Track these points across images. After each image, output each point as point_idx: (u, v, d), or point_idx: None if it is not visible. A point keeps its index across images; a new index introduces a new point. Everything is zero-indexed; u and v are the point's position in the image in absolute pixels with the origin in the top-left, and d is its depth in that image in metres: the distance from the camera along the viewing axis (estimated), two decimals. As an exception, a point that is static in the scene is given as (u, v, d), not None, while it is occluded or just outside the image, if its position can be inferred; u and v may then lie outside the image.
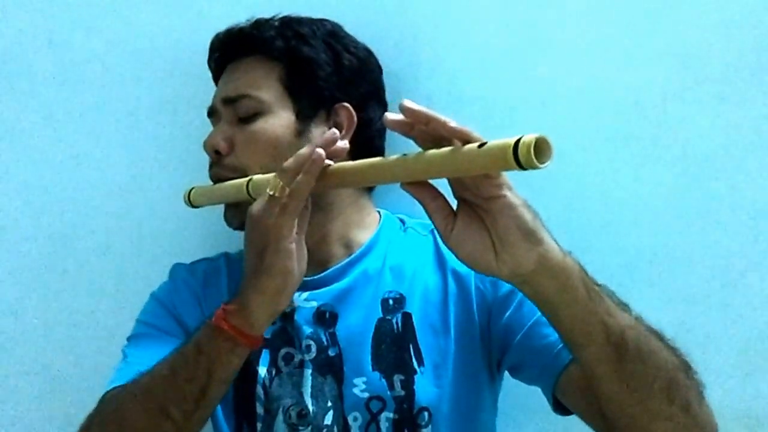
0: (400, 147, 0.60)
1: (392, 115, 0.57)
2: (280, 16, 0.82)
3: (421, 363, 0.74)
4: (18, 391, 1.01)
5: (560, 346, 0.68)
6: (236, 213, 0.77)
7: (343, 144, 0.63)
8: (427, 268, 0.79)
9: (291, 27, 0.80)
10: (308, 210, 0.65)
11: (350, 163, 0.63)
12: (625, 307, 0.61)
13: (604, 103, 0.91)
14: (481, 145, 0.51)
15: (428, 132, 0.55)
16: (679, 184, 0.89)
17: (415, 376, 0.74)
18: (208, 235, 0.97)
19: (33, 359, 1.01)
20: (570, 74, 0.91)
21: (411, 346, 0.75)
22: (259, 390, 0.76)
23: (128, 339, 0.81)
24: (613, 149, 0.91)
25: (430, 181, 0.58)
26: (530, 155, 0.47)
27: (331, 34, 0.82)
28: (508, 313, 0.74)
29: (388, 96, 0.87)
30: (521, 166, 0.48)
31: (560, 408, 0.72)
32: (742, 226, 0.88)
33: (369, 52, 0.85)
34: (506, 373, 0.80)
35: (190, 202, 0.82)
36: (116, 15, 1.00)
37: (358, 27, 0.86)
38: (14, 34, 1.01)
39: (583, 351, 0.60)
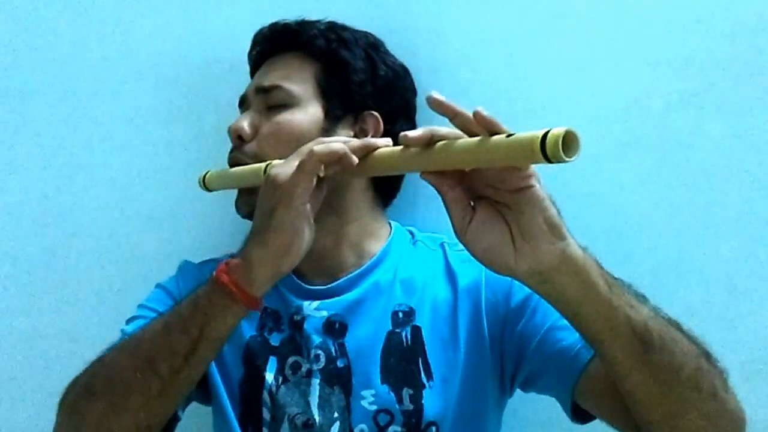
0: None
1: (437, 94, 0.56)
2: (326, 20, 0.84)
3: (429, 377, 0.74)
4: (24, 390, 1.01)
5: (577, 347, 0.68)
6: (248, 200, 0.77)
7: (386, 141, 0.64)
8: (436, 281, 0.79)
9: (335, 31, 0.82)
10: (323, 191, 0.65)
11: (376, 151, 0.63)
12: (643, 298, 0.61)
13: (607, 109, 0.90)
14: (508, 136, 0.51)
15: (456, 125, 0.55)
16: (684, 191, 0.89)
17: (424, 390, 0.73)
18: (216, 237, 0.96)
19: (35, 358, 1.00)
20: (573, 80, 0.91)
21: (420, 360, 0.75)
22: (266, 396, 0.75)
23: (128, 321, 0.79)
24: (617, 156, 0.90)
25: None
26: (558, 148, 0.46)
27: (371, 46, 0.84)
28: (521, 323, 0.73)
29: None
30: (548, 159, 0.47)
31: (578, 416, 0.71)
32: (747, 234, 0.87)
33: (406, 71, 0.87)
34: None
35: (205, 185, 0.82)
36: (125, 21, 1.00)
37: (369, 25, 0.86)
38: (26, 39, 1.01)
39: (609, 347, 0.58)
